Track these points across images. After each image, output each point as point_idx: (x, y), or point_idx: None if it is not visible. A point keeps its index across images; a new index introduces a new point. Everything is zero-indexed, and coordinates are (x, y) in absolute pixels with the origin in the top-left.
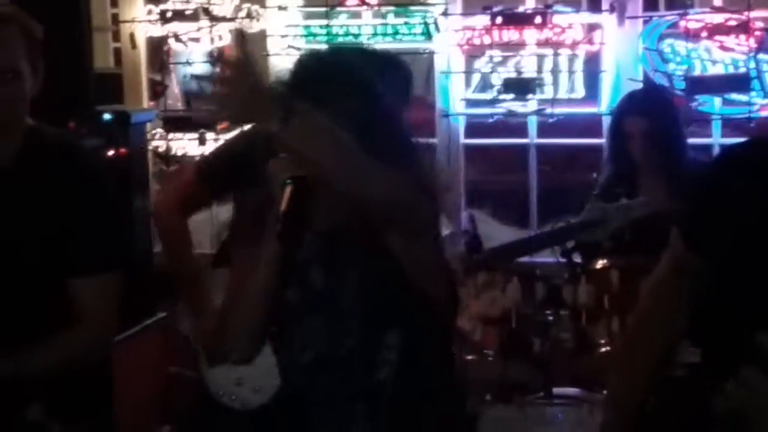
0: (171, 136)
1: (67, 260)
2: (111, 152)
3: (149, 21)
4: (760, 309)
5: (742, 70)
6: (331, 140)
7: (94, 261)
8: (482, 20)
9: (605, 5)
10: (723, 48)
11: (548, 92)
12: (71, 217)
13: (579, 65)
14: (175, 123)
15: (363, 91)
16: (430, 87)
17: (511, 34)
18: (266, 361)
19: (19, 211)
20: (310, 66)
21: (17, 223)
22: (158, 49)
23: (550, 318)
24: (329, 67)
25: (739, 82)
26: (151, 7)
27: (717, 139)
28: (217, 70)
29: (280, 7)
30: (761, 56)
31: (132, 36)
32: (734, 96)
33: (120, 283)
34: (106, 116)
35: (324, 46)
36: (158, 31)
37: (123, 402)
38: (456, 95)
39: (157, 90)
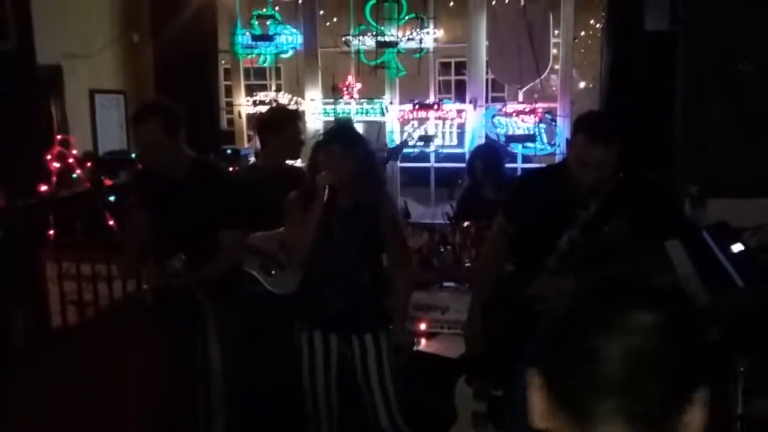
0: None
1: (218, 223)
2: (231, 169)
3: (247, 105)
4: (542, 248)
5: (532, 132)
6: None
7: (228, 223)
8: (408, 106)
9: (467, 99)
10: (523, 121)
11: (440, 141)
12: (219, 203)
13: (454, 128)
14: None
15: (360, 142)
16: (380, 138)
17: (422, 113)
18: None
19: (192, 204)
20: (333, 132)
21: (191, 210)
22: (251, 118)
23: (442, 250)
24: (343, 132)
25: (530, 138)
26: (248, 98)
27: (519, 164)
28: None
29: (312, 99)
30: (541, 125)
31: (239, 112)
32: (528, 144)
33: (242, 235)
34: (228, 151)
35: (335, 120)
36: (251, 109)
37: None
38: (396, 141)
39: (250, 138)
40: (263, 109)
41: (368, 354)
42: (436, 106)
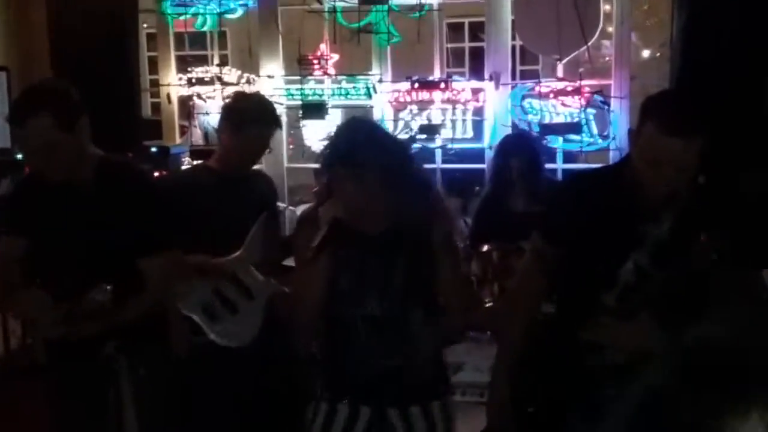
0: (194, 162)
1: (137, 247)
2: (156, 174)
3: (180, 85)
4: (597, 279)
5: (576, 119)
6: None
7: (154, 245)
8: (405, 85)
9: (486, 75)
10: (563, 105)
11: (448, 133)
12: (137, 219)
13: (469, 115)
14: (197, 153)
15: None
16: None
17: (424, 95)
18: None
19: (100, 216)
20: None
21: (100, 226)
22: (185, 103)
23: None
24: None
25: (574, 128)
26: (181, 75)
27: (560, 164)
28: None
29: (269, 76)
30: (588, 110)
31: (168, 95)
32: (571, 136)
33: (173, 259)
34: (153, 149)
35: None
36: (186, 91)
37: None
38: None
39: (184, 131)
40: (202, 90)
41: None
42: (443, 85)
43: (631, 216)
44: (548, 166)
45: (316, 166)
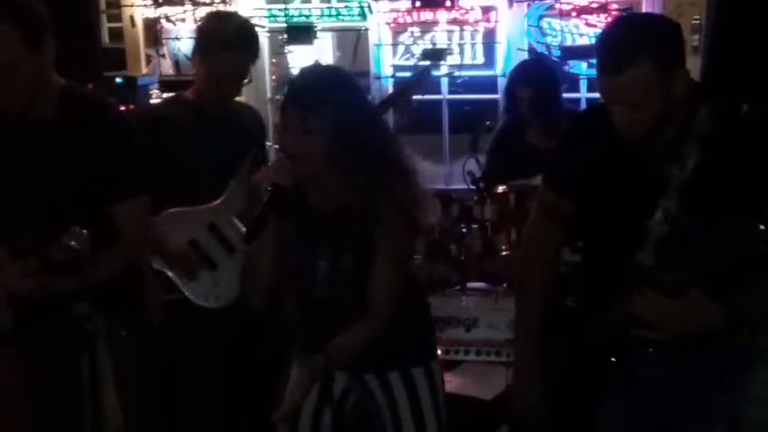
0: (165, 95)
1: (106, 190)
2: (122, 108)
3: (145, 5)
4: (624, 234)
5: None
6: None
7: (126, 189)
8: (405, 4)
9: None
10: (588, 24)
11: (456, 59)
12: (106, 157)
13: (479, 38)
14: (168, 85)
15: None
16: (356, 57)
17: (427, 15)
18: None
19: (64, 155)
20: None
21: (63, 165)
22: (152, 27)
23: (464, 230)
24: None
25: None
26: None
27: (584, 94)
28: None
29: None
30: None
31: (132, 18)
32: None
33: (147, 205)
34: (119, 80)
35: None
36: (152, 13)
37: None
38: (385, 62)
39: (150, 60)
40: (171, 11)
41: (398, 403)
42: (449, 3)
43: (647, 157)
44: (570, 95)
45: None
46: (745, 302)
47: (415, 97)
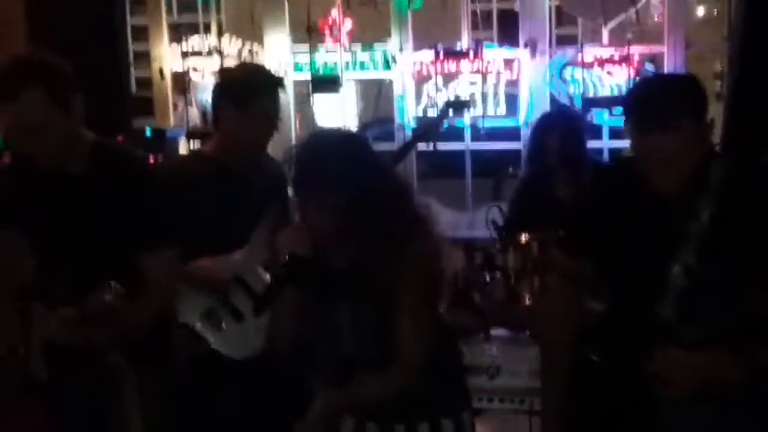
0: (192, 145)
1: (136, 241)
2: (152, 160)
3: (174, 56)
4: (644, 287)
5: (624, 91)
6: None
7: (154, 241)
8: (428, 55)
9: (521, 42)
10: (609, 75)
11: (479, 110)
12: (135, 210)
13: (501, 89)
14: (195, 136)
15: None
16: (378, 106)
17: (450, 66)
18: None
19: (95, 208)
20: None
21: (95, 218)
22: (180, 79)
23: (487, 278)
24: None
25: (622, 101)
26: (174, 44)
27: (606, 142)
28: None
29: (275, 46)
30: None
31: (161, 70)
32: (618, 110)
33: (177, 257)
34: (147, 131)
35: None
36: (180, 66)
37: None
38: (409, 112)
39: (177, 108)
40: (199, 64)
41: None
42: (472, 54)
43: (663, 212)
44: (593, 144)
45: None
46: (761, 352)
47: (440, 145)
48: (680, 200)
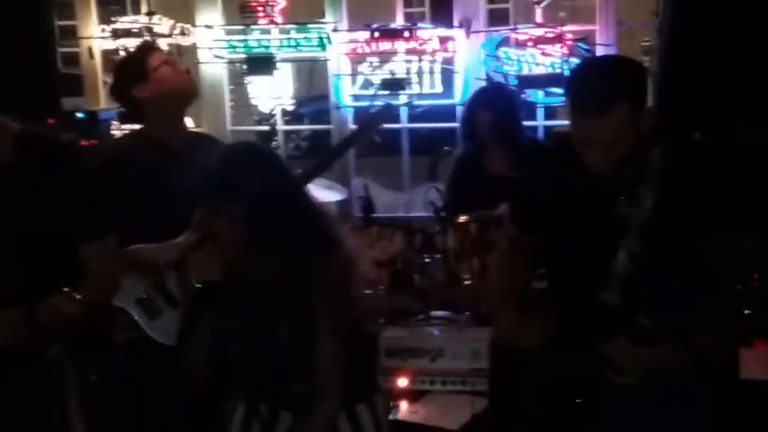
0: (124, 127)
1: (74, 232)
2: (84, 143)
3: (104, 37)
4: (589, 272)
5: (558, 70)
6: None
7: (94, 229)
8: (364, 35)
9: (456, 22)
10: (544, 54)
11: (415, 89)
12: (69, 199)
13: (437, 68)
14: (128, 117)
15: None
16: (312, 85)
17: (385, 45)
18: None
19: (23, 198)
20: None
21: (24, 208)
22: (111, 59)
23: (427, 260)
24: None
25: (556, 80)
26: (104, 26)
27: (541, 121)
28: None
29: (207, 26)
30: (572, 60)
31: (90, 49)
32: (552, 89)
33: (114, 244)
34: (80, 115)
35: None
36: (111, 45)
37: None
38: (345, 92)
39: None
40: (130, 43)
41: None
42: (407, 34)
43: (606, 198)
44: (527, 123)
45: (265, 128)
46: (705, 342)
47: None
48: (619, 184)
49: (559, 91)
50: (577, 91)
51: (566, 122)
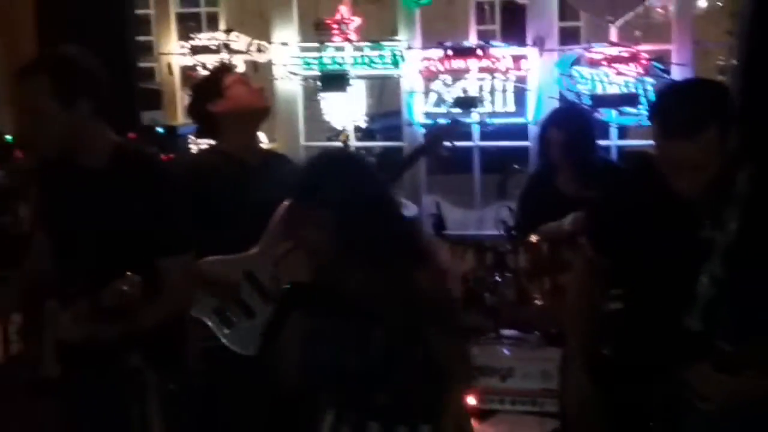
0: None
1: (154, 245)
2: (163, 157)
3: (183, 54)
4: (669, 295)
5: (633, 90)
6: None
7: (175, 245)
8: (437, 53)
9: (529, 40)
10: (618, 73)
11: (487, 107)
12: (155, 213)
13: (510, 86)
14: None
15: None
16: (382, 104)
17: (459, 63)
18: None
19: (115, 204)
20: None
21: (114, 213)
22: (189, 74)
23: (498, 279)
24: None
25: (630, 99)
26: (183, 42)
27: (614, 141)
28: None
29: (283, 43)
30: (647, 79)
31: (169, 65)
32: (626, 109)
33: (193, 261)
34: (159, 129)
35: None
36: (189, 61)
37: None
38: (417, 109)
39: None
40: (208, 59)
41: None
42: (480, 52)
43: (690, 220)
44: (601, 142)
45: (338, 144)
46: None
47: (446, 144)
48: (706, 208)
49: (633, 110)
50: (664, 113)
51: (639, 142)
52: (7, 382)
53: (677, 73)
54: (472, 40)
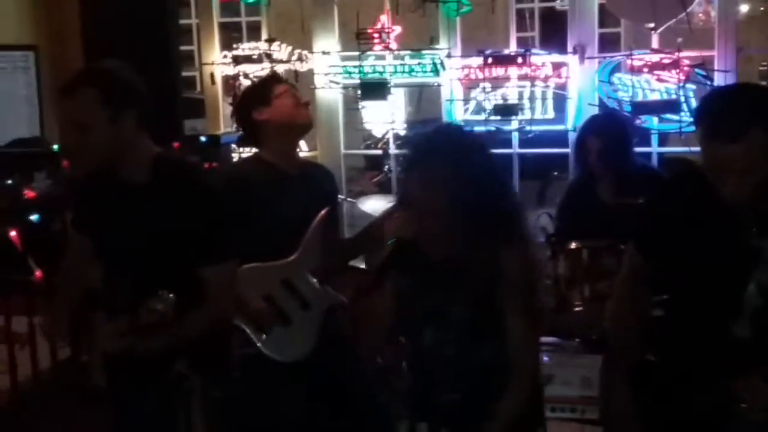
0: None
1: (197, 254)
2: (206, 166)
3: (225, 63)
4: (717, 303)
5: (674, 96)
6: None
7: (216, 253)
8: (477, 61)
9: (569, 48)
10: (659, 80)
11: (526, 114)
12: (197, 221)
13: (550, 94)
14: (245, 140)
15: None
16: (421, 112)
17: (498, 71)
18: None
19: (157, 216)
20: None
21: (156, 226)
22: (231, 84)
23: None
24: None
25: (671, 106)
26: (225, 52)
27: (655, 148)
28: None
29: (324, 52)
30: (688, 86)
31: (212, 74)
32: (668, 116)
33: (236, 269)
34: (203, 139)
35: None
36: (231, 70)
37: None
38: (457, 117)
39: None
40: (250, 69)
41: None
42: (520, 60)
43: (737, 227)
44: (641, 150)
45: (377, 152)
46: None
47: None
48: (752, 213)
49: (675, 117)
50: (709, 116)
51: (680, 149)
52: (54, 387)
53: (720, 80)
54: (512, 48)
